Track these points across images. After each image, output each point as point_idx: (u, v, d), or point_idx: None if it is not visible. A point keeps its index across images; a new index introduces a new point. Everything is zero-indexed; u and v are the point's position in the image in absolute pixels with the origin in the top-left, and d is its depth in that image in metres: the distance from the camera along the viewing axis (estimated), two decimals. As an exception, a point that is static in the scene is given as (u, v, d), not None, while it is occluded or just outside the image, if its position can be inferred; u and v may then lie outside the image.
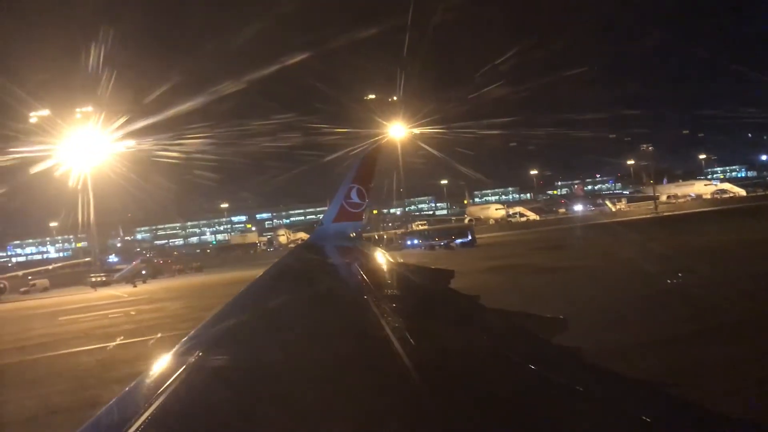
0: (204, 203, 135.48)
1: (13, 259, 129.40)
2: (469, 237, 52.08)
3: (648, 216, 66.77)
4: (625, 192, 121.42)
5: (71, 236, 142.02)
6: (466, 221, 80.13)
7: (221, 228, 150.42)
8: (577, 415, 1.98)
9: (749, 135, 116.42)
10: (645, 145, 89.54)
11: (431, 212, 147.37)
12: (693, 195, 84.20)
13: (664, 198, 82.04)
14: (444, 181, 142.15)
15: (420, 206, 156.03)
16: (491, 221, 78.89)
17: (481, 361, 2.63)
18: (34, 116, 56.31)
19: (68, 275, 64.28)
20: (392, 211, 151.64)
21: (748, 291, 15.97)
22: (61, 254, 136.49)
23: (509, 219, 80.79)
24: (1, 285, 51.07)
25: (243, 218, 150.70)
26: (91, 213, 60.91)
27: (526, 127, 68.66)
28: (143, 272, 56.77)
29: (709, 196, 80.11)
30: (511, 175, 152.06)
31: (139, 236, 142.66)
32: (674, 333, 12.14)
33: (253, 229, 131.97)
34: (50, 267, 62.04)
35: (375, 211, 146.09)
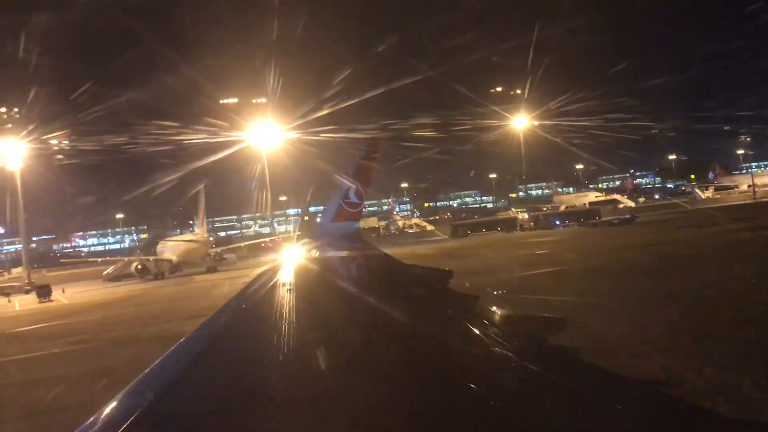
0: (266, 196, 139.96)
1: (79, 250, 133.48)
2: (628, 215, 59.23)
3: (751, 201, 73.58)
4: (669, 185, 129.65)
5: (133, 227, 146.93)
6: (562, 208, 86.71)
7: (272, 221, 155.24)
8: (575, 415, 2.01)
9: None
10: (743, 136, 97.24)
11: (477, 205, 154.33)
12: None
13: (744, 187, 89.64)
14: (493, 175, 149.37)
15: (466, 199, 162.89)
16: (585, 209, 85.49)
17: (479, 361, 2.68)
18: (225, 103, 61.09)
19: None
20: (440, 204, 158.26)
21: None
22: (120, 245, 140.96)
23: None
24: (227, 257, 55.97)
25: (295, 211, 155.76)
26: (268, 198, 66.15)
27: (571, 123, 75.65)
28: None
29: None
30: (554, 170, 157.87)
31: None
32: None
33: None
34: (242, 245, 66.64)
35: (426, 204, 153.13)
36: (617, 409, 2.11)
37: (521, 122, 77.40)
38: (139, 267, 52.13)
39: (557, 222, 67.18)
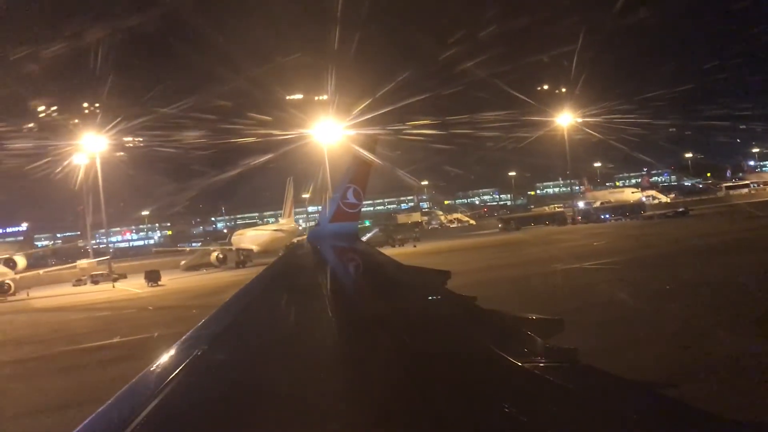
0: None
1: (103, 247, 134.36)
2: (682, 208, 61.61)
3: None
4: (686, 183, 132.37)
5: (156, 224, 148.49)
6: (597, 204, 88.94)
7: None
8: (572, 416, 2.02)
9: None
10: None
11: (495, 203, 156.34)
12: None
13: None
14: (512, 173, 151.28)
15: (484, 197, 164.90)
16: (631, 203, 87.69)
17: (476, 362, 2.68)
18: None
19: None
20: (458, 201, 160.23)
21: None
22: (144, 242, 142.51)
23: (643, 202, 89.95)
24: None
25: (313, 209, 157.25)
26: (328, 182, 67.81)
27: (591, 122, 78.86)
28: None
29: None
30: (566, 168, 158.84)
31: (219, 225, 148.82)
32: None
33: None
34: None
35: (446, 202, 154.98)
36: (615, 411, 2.11)
37: (565, 119, 79.57)
38: (220, 256, 53.78)
39: (607, 216, 69.35)
